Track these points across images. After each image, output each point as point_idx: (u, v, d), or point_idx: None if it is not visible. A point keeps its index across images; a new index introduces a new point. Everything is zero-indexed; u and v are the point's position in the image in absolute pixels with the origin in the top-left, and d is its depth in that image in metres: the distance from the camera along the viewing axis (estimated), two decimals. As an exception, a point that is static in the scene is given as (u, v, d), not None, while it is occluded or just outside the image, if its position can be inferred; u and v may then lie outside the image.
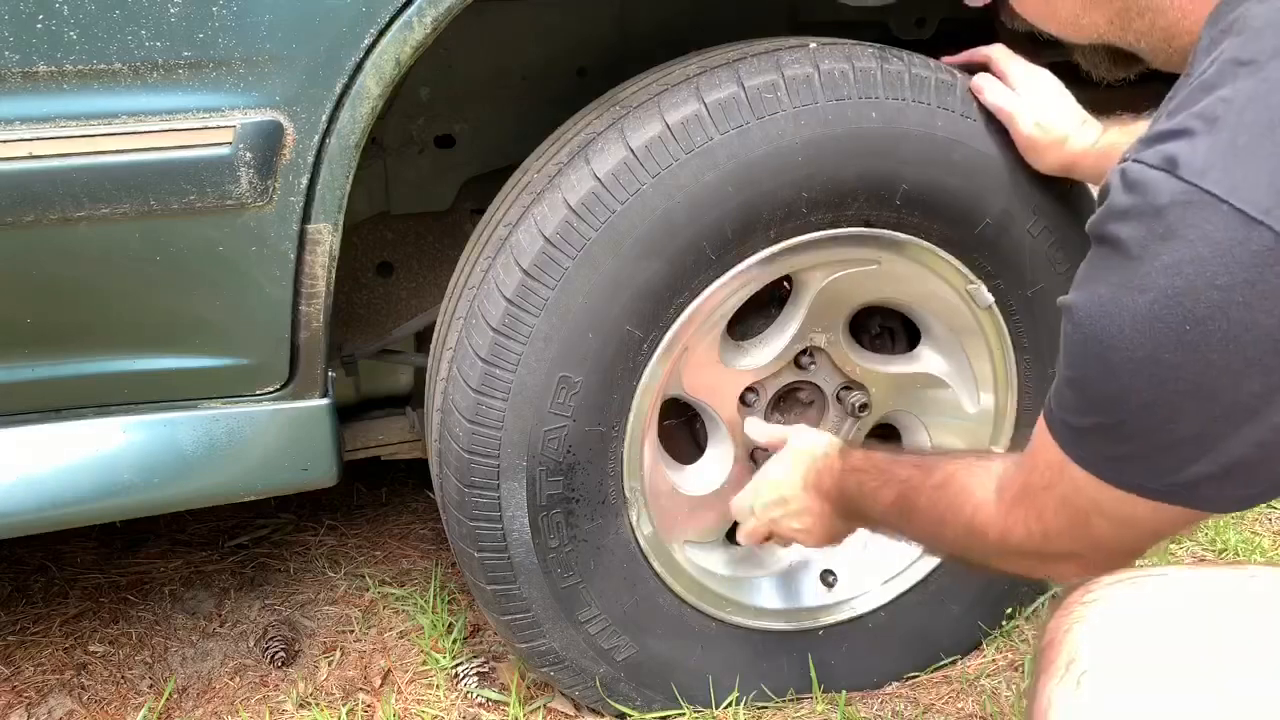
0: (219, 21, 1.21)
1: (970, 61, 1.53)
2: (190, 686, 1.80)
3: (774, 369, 1.59)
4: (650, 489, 1.56)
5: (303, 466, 1.50)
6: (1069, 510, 0.98)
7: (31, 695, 1.76)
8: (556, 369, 1.42)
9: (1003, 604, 1.79)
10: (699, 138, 1.38)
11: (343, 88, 1.27)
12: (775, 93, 1.40)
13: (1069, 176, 1.50)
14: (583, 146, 1.42)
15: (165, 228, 1.29)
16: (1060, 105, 1.47)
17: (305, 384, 1.46)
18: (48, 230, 1.25)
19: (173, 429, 1.43)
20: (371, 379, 1.90)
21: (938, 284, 1.57)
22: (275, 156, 1.27)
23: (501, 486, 1.45)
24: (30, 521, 1.43)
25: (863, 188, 1.45)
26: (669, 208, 1.39)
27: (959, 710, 1.68)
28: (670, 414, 1.63)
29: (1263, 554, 2.03)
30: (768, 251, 1.46)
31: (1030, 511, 1.03)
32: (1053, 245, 1.56)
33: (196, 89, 1.23)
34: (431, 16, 1.27)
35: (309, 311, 1.39)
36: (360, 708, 1.73)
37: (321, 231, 1.33)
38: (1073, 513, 0.98)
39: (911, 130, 1.44)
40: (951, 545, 1.19)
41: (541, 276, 1.39)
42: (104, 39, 1.18)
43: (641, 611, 1.58)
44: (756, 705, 1.68)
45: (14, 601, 1.99)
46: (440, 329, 1.55)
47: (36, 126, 1.20)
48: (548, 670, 1.60)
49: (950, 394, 1.67)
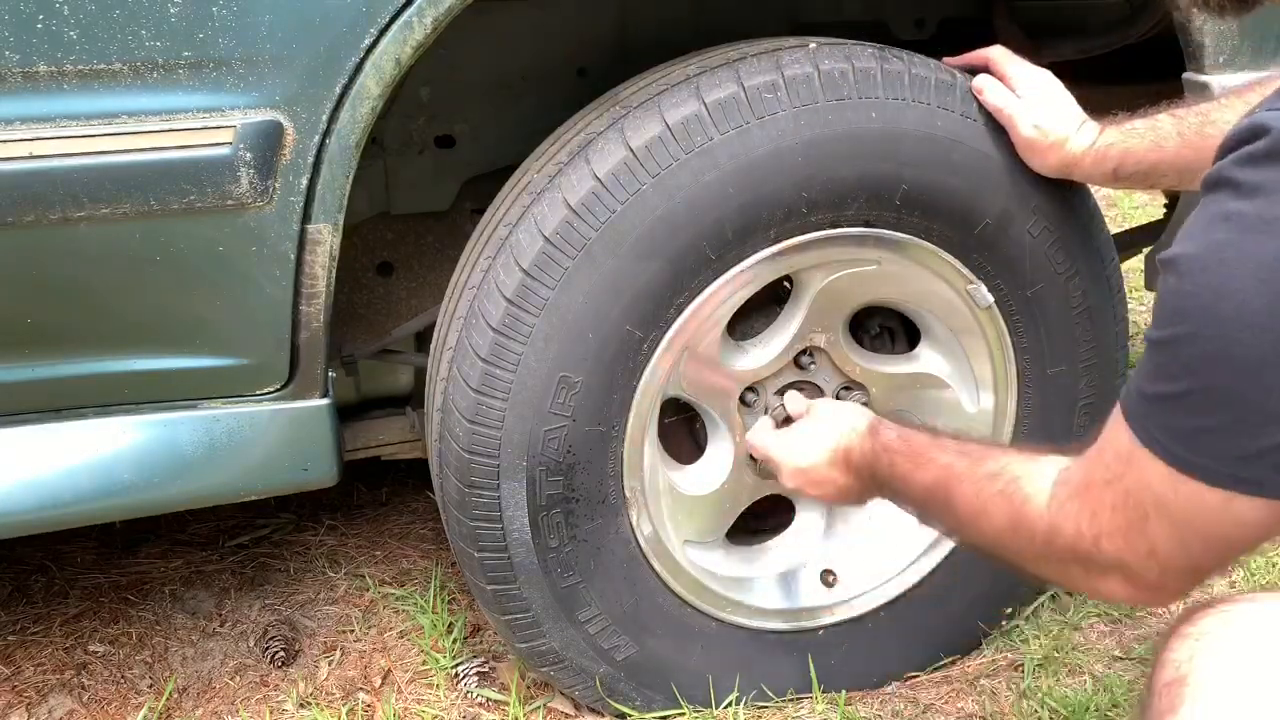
0: (219, 21, 1.21)
1: (971, 63, 1.53)
2: (190, 686, 1.80)
3: (774, 369, 1.59)
4: (650, 489, 1.56)
5: (303, 466, 1.50)
6: (1128, 508, 0.92)
7: (31, 695, 1.76)
8: (556, 369, 1.42)
9: (1003, 604, 1.79)
10: (699, 138, 1.38)
11: (343, 88, 1.27)
12: (775, 93, 1.40)
13: (1068, 178, 1.51)
14: (583, 146, 1.42)
15: (165, 228, 1.29)
16: (1059, 107, 1.47)
17: (305, 384, 1.46)
18: (48, 230, 1.25)
19: (173, 429, 1.43)
20: (371, 379, 1.90)
21: (937, 284, 1.57)
22: (275, 156, 1.27)
23: (501, 486, 1.45)
24: (30, 521, 1.43)
25: (863, 188, 1.45)
26: (669, 208, 1.39)
27: (959, 710, 1.68)
28: (670, 414, 1.63)
29: (1262, 554, 2.02)
30: (768, 252, 1.46)
31: (1085, 507, 0.97)
32: (1053, 245, 1.56)
33: (197, 89, 1.23)
34: (431, 16, 1.27)
35: (309, 311, 1.39)
36: (360, 708, 1.73)
37: (322, 231, 1.34)
38: (1131, 510, 0.92)
39: (911, 130, 1.44)
40: (990, 539, 1.10)
41: (541, 276, 1.39)
42: (104, 39, 1.18)
43: (641, 611, 1.58)
44: (756, 705, 1.68)
45: (14, 601, 1.99)
46: (440, 329, 1.55)
47: (36, 126, 1.20)
48: (548, 670, 1.60)
49: (950, 394, 1.67)
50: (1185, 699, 0.82)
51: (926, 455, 1.22)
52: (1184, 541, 0.90)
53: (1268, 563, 2.01)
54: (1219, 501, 0.85)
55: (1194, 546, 0.90)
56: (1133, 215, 4.01)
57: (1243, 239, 0.78)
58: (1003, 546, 1.09)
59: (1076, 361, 1.64)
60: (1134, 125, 1.44)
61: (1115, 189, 2.52)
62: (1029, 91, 1.47)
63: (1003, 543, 1.08)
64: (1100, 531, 0.96)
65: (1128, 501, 0.92)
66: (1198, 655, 0.84)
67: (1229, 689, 0.81)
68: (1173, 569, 0.93)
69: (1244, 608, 0.87)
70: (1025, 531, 1.03)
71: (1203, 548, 0.90)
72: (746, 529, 1.72)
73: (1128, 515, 0.93)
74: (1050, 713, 1.66)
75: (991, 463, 1.11)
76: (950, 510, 1.16)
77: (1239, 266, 0.78)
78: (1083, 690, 1.70)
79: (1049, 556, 1.02)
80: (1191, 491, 0.86)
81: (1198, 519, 0.87)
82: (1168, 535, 0.90)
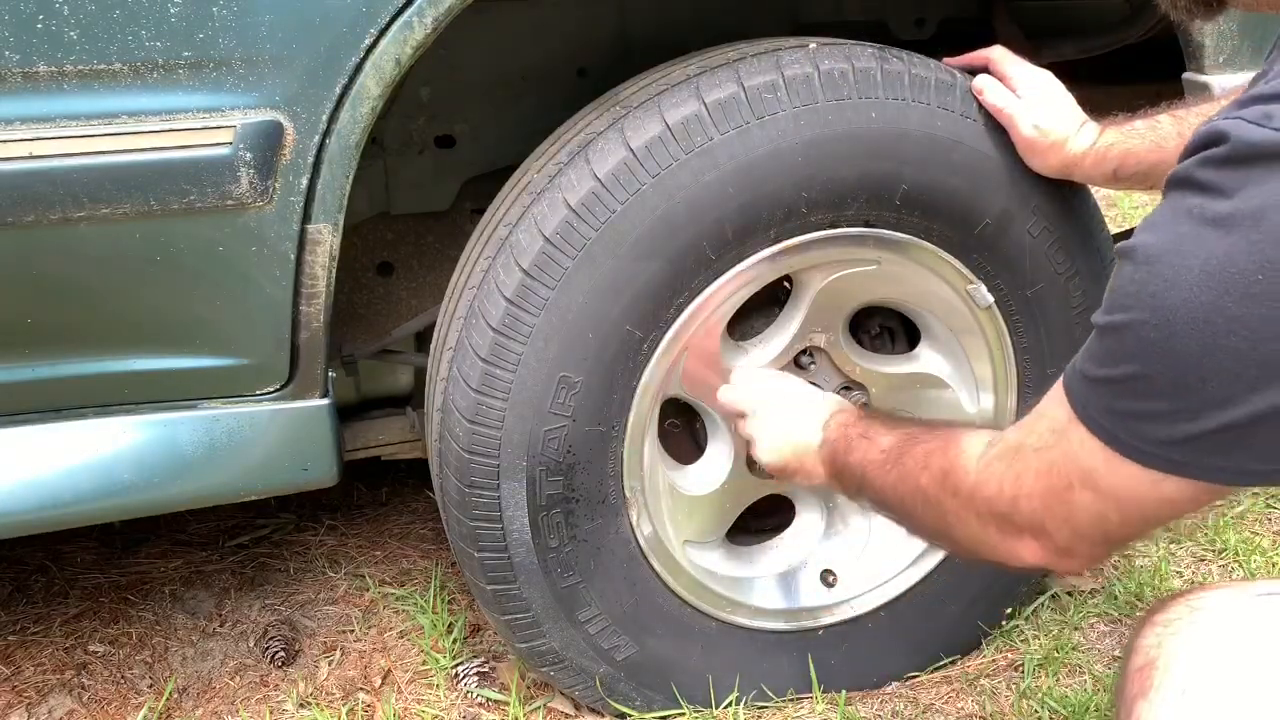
0: (219, 21, 1.21)
1: (971, 64, 1.53)
2: (190, 686, 1.80)
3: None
4: (650, 489, 1.56)
5: (303, 466, 1.50)
6: (1052, 475, 0.96)
7: (31, 695, 1.76)
8: (556, 369, 1.42)
9: (1002, 604, 1.79)
10: (699, 138, 1.38)
11: (343, 88, 1.27)
12: (775, 93, 1.40)
13: (1068, 178, 1.51)
14: (583, 146, 1.42)
15: (165, 228, 1.29)
16: (1059, 107, 1.47)
17: (305, 384, 1.46)
18: (48, 230, 1.25)
19: (173, 429, 1.43)
20: (371, 379, 1.91)
21: (937, 284, 1.57)
22: (275, 156, 1.27)
23: (501, 486, 1.45)
24: (30, 521, 1.43)
25: (863, 188, 1.45)
26: (669, 208, 1.39)
27: (959, 710, 1.68)
28: (670, 414, 1.63)
29: (1262, 554, 2.03)
30: (768, 252, 1.46)
31: (1010, 469, 1.01)
32: (1052, 245, 1.56)
33: (196, 89, 1.23)
34: (431, 16, 1.27)
35: (309, 312, 1.39)
36: (360, 708, 1.73)
37: (322, 232, 1.34)
38: (1055, 479, 0.96)
39: (911, 130, 1.44)
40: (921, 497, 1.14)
41: (541, 276, 1.39)
42: (104, 39, 1.18)
43: (641, 611, 1.58)
44: (756, 705, 1.68)
45: (14, 601, 1.99)
46: (440, 329, 1.55)
47: (36, 126, 1.20)
48: (548, 670, 1.60)
49: (950, 394, 1.67)
50: (1154, 681, 0.86)
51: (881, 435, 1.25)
52: (1103, 514, 0.94)
53: (1267, 562, 2.01)
54: (1149, 480, 0.88)
55: (1112, 519, 0.94)
56: (1133, 215, 4.01)
57: (1197, 233, 0.81)
58: (932, 502, 1.12)
59: (1076, 361, 1.64)
60: (1134, 126, 1.44)
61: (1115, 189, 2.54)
62: (1029, 92, 1.47)
63: (929, 498, 1.12)
64: (1020, 493, 1.00)
65: (1053, 470, 0.96)
66: (1166, 640, 0.89)
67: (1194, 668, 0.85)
68: (1086, 537, 0.97)
69: (1210, 596, 0.92)
70: (951, 484, 1.08)
71: (1120, 520, 0.94)
72: (747, 529, 1.72)
73: (1050, 481, 0.96)
74: (1050, 713, 1.66)
75: (940, 431, 1.16)
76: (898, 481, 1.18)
77: (1190, 259, 0.81)
78: (1083, 690, 1.70)
79: (969, 511, 1.06)
80: (1123, 469, 0.89)
81: (1125, 495, 0.91)
82: (1088, 505, 0.94)
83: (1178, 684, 0.85)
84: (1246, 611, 0.89)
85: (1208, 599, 0.92)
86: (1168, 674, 0.86)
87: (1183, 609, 0.91)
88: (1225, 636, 0.87)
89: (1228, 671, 0.84)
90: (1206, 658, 0.86)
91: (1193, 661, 0.86)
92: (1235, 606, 0.90)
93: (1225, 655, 0.85)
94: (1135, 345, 0.85)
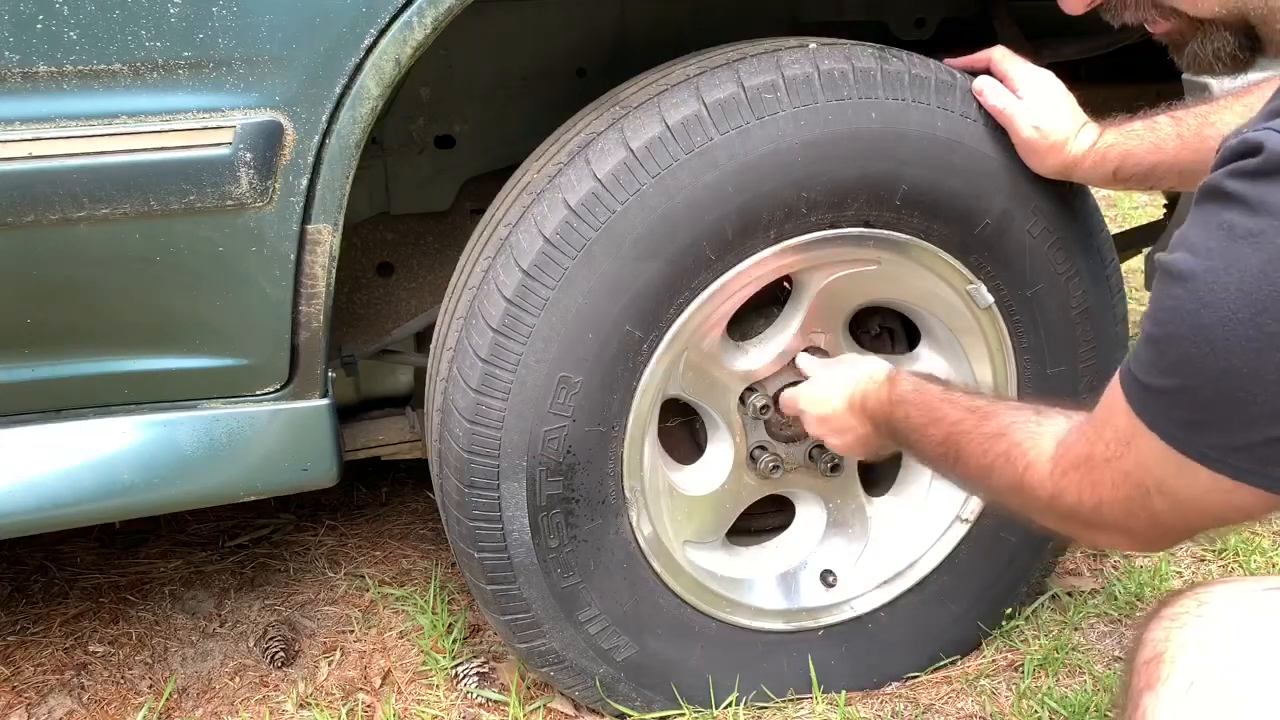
0: (219, 22, 1.21)
1: (971, 64, 1.53)
2: (190, 686, 1.80)
3: (774, 369, 1.59)
4: (650, 489, 1.56)
5: (303, 466, 1.50)
6: (1129, 486, 0.96)
7: (31, 695, 1.76)
8: (556, 369, 1.42)
9: (1002, 604, 1.79)
10: (699, 138, 1.38)
11: (343, 88, 1.27)
12: (775, 93, 1.40)
13: (1068, 179, 1.51)
14: (583, 146, 1.42)
15: (165, 228, 1.29)
16: (1060, 108, 1.47)
17: (305, 384, 1.46)
18: (48, 230, 1.25)
19: (173, 429, 1.43)
20: (371, 379, 1.91)
21: (937, 284, 1.57)
22: (275, 157, 1.27)
23: (501, 486, 1.45)
24: (30, 521, 1.43)
25: (862, 188, 1.45)
26: (669, 208, 1.39)
27: (959, 710, 1.69)
28: (670, 414, 1.63)
29: (1262, 554, 2.03)
30: (768, 252, 1.46)
31: (1086, 480, 1.01)
32: (1053, 245, 1.56)
33: (196, 89, 1.23)
34: (431, 17, 1.27)
35: (309, 312, 1.39)
36: (360, 708, 1.73)
37: (321, 232, 1.34)
38: (1133, 489, 0.96)
39: (911, 131, 1.44)
40: (997, 494, 1.17)
41: (541, 276, 1.39)
42: (104, 39, 1.18)
43: (641, 611, 1.58)
44: (756, 705, 1.68)
45: (14, 601, 1.99)
46: (440, 329, 1.55)
47: (36, 126, 1.20)
48: (548, 670, 1.60)
49: (950, 394, 1.67)
50: (1161, 674, 0.87)
51: (939, 411, 1.25)
52: (1184, 516, 0.95)
53: (1268, 562, 2.01)
54: (1220, 488, 0.89)
55: (1193, 518, 0.95)
56: (1133, 215, 4.01)
57: (1231, 249, 0.81)
58: (1008, 503, 1.15)
59: (1076, 361, 1.64)
60: (1133, 127, 1.44)
61: (1115, 190, 2.55)
62: (1029, 93, 1.47)
63: (1007, 500, 1.14)
64: (1101, 501, 1.00)
65: (1128, 480, 0.96)
66: (1173, 634, 0.90)
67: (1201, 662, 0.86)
68: (1170, 533, 0.99)
69: (1217, 590, 0.92)
70: (1029, 493, 1.09)
71: (1200, 520, 0.96)
72: (747, 529, 1.72)
73: (1128, 491, 0.97)
74: (1050, 713, 1.66)
75: (995, 422, 1.16)
76: (960, 467, 1.20)
77: (1225, 276, 0.81)
78: (1083, 690, 1.70)
79: (1051, 516, 1.09)
80: (1193, 476, 0.89)
81: (1197, 500, 0.91)
82: (1169, 509, 0.95)
83: (1185, 677, 0.86)
84: (1254, 605, 0.90)
85: (1215, 593, 0.92)
86: (1175, 667, 0.87)
87: (1190, 603, 0.92)
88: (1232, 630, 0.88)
89: (1235, 665, 0.85)
90: (1213, 651, 0.87)
91: (1200, 655, 0.86)
92: (1243, 600, 0.90)
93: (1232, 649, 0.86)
94: (1179, 360, 0.86)
